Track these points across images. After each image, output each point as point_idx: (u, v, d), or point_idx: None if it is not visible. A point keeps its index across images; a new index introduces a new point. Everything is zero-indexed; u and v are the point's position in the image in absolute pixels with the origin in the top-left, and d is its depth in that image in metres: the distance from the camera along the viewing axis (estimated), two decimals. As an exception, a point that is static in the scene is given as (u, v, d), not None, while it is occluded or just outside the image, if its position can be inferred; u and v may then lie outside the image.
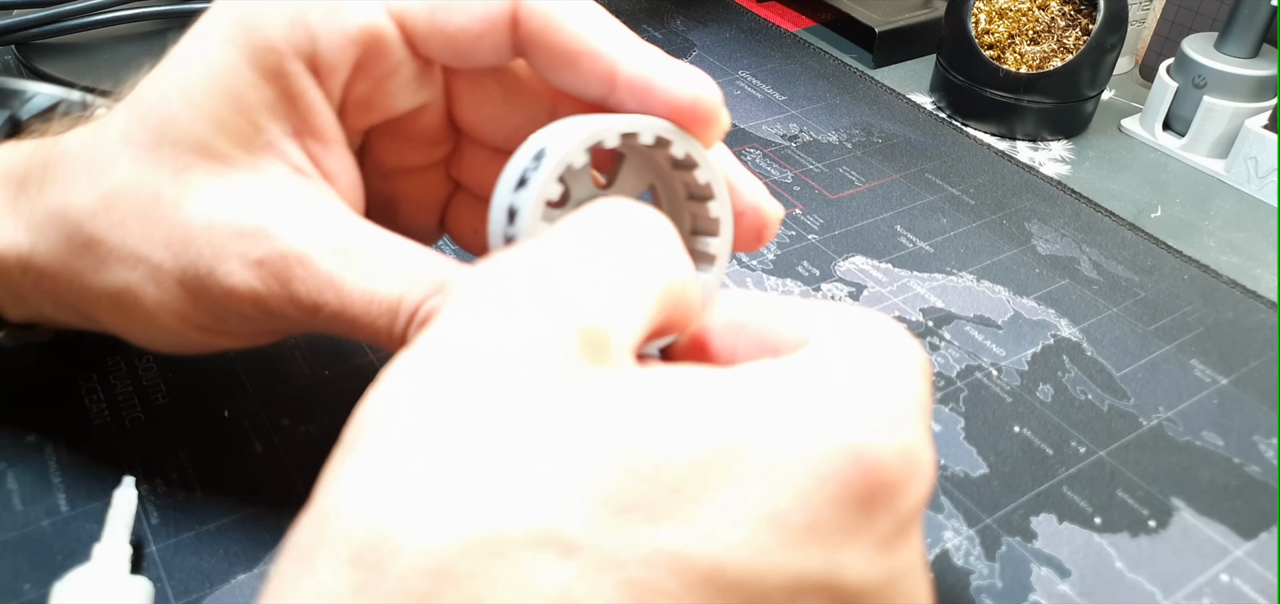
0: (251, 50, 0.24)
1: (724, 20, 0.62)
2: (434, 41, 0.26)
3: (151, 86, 0.25)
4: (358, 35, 0.25)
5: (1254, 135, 0.47)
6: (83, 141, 0.26)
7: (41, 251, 0.25)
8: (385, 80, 0.26)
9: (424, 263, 0.25)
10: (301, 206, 0.25)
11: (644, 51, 0.25)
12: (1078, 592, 0.28)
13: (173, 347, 0.27)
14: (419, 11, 0.26)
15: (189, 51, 0.25)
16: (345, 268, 0.24)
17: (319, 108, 0.25)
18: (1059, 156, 0.50)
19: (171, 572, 0.26)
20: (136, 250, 0.24)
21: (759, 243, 0.27)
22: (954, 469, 0.31)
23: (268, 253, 0.24)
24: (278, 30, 0.25)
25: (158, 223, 0.24)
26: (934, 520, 0.29)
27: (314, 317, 0.24)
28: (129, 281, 0.25)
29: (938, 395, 0.34)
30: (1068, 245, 0.43)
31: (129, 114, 0.25)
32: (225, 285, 0.24)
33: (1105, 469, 0.32)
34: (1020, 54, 0.51)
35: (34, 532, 0.27)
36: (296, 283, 0.24)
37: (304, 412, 0.31)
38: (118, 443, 0.30)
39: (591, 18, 0.25)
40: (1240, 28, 0.49)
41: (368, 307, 0.24)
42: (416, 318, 0.24)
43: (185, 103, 0.24)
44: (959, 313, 0.38)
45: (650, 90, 0.24)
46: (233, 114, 0.24)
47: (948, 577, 0.28)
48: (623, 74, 0.24)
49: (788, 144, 0.49)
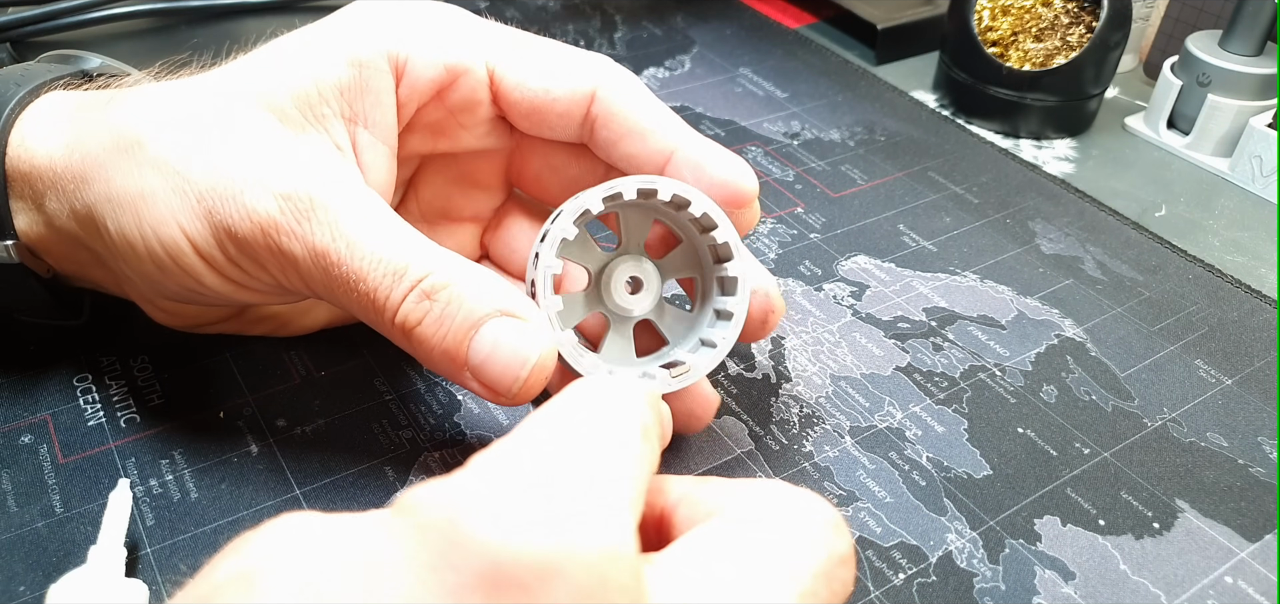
0: (350, 41, 0.28)
1: (725, 17, 0.62)
2: (515, 100, 0.29)
3: (253, 58, 0.28)
4: (447, 65, 0.29)
5: (1258, 133, 0.47)
6: (168, 82, 0.29)
7: (83, 151, 0.27)
8: (459, 114, 0.30)
9: (432, 247, 0.27)
10: (334, 167, 0.27)
11: (699, 139, 0.29)
12: (1081, 594, 0.27)
13: (162, 275, 0.27)
14: (510, 71, 0.29)
15: (302, 32, 0.29)
16: (362, 223, 0.26)
17: (384, 107, 0.28)
18: (1063, 155, 0.50)
19: (167, 574, 0.26)
20: (173, 160, 0.26)
21: (764, 329, 0.30)
22: (957, 471, 0.31)
23: (294, 189, 0.26)
24: (380, 33, 0.28)
25: (202, 144, 0.26)
26: (937, 522, 0.29)
27: (319, 262, 0.26)
28: (155, 188, 0.26)
29: (942, 395, 0.34)
30: (1072, 244, 0.42)
31: (217, 73, 0.28)
32: (247, 208, 0.26)
33: (1109, 470, 0.31)
34: (1024, 51, 0.50)
35: (29, 533, 0.27)
36: (315, 224, 0.26)
37: (299, 413, 0.31)
38: (113, 444, 0.29)
39: (656, 105, 0.29)
40: (1244, 26, 0.48)
41: (375, 265, 0.26)
42: (417, 289, 0.26)
43: (274, 65, 0.27)
44: (962, 313, 0.38)
45: (701, 170, 0.28)
46: (308, 82, 0.27)
47: (951, 579, 0.27)
48: (680, 153, 0.28)
49: (789, 142, 0.49)
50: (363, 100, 0.28)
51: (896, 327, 0.37)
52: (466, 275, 0.26)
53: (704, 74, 0.55)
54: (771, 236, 0.42)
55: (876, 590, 0.27)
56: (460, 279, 0.26)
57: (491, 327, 0.25)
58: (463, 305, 0.25)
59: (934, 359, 0.35)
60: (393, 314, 0.26)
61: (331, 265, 0.26)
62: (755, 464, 0.31)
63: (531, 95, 0.29)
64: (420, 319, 0.25)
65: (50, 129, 0.28)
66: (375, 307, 0.26)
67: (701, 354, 0.28)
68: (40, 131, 0.28)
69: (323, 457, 0.30)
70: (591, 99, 0.29)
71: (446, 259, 0.26)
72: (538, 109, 0.29)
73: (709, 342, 0.29)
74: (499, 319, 0.25)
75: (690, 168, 0.28)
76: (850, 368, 0.35)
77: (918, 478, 0.31)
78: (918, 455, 0.31)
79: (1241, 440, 0.33)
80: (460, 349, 0.25)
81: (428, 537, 0.17)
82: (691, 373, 0.28)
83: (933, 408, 0.33)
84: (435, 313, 0.25)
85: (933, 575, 0.28)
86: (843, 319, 0.37)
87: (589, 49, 0.56)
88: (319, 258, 0.26)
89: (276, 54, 0.28)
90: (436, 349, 0.26)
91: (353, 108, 0.28)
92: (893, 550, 0.28)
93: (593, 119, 0.29)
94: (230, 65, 0.28)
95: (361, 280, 0.26)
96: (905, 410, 0.33)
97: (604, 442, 0.19)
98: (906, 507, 0.30)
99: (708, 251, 0.29)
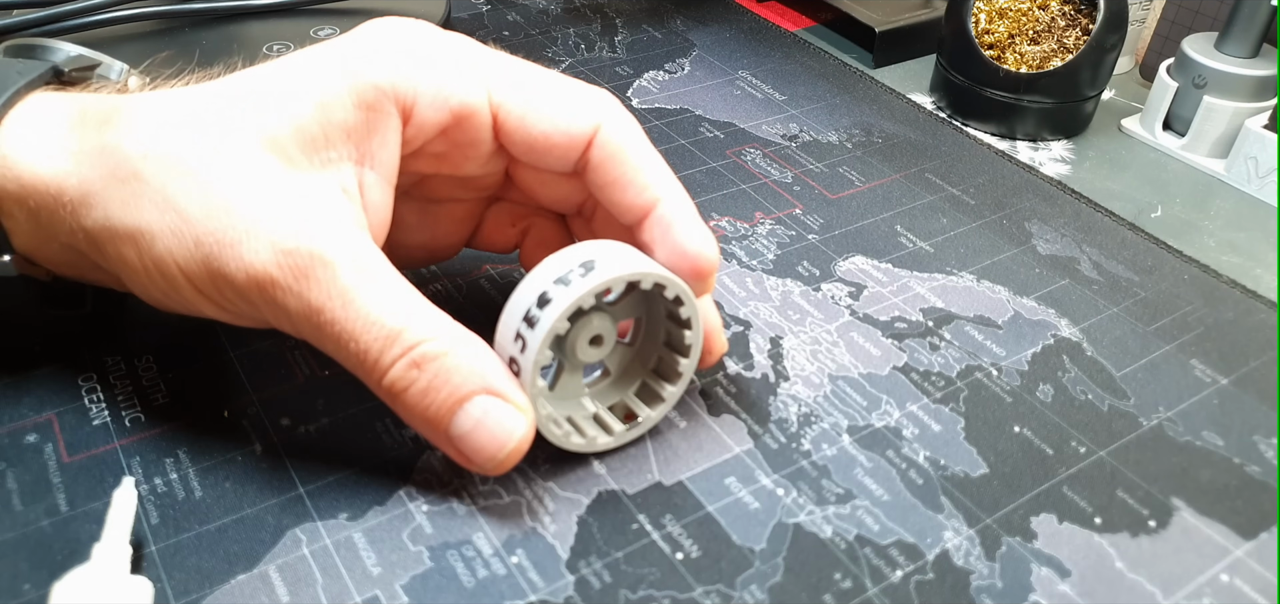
0: (358, 79, 0.27)
1: (724, 20, 0.62)
2: (516, 138, 0.29)
3: (255, 82, 0.28)
4: (454, 107, 0.28)
5: (1254, 135, 0.47)
6: (159, 99, 0.28)
7: (81, 175, 0.27)
8: (463, 148, 0.30)
9: (428, 310, 0.27)
10: (339, 221, 0.26)
11: (679, 199, 0.29)
12: (1078, 592, 0.28)
13: (158, 299, 0.28)
14: (512, 109, 0.29)
15: (305, 59, 0.28)
16: (361, 285, 0.26)
17: (390, 148, 0.28)
18: (1059, 156, 0.50)
19: (171, 572, 0.26)
20: (172, 198, 0.26)
21: (704, 365, 0.32)
22: (954, 469, 0.31)
23: (297, 246, 0.25)
24: (386, 71, 0.27)
25: (202, 185, 0.26)
26: (934, 520, 0.29)
27: (313, 318, 0.26)
28: (153, 225, 0.26)
29: (939, 394, 0.34)
30: (1068, 245, 0.43)
31: (221, 91, 0.27)
32: (244, 261, 0.25)
33: (1105, 469, 0.32)
34: (1020, 54, 0.50)
35: (33, 532, 0.27)
36: (313, 282, 0.25)
37: (304, 412, 0.31)
38: (118, 443, 0.30)
39: (649, 156, 0.30)
40: (1240, 27, 0.49)
41: (368, 327, 0.26)
42: (407, 357, 0.26)
43: (277, 96, 0.27)
44: (959, 313, 0.38)
45: (670, 232, 0.29)
46: (314, 122, 0.27)
47: (948, 577, 0.28)
48: (656, 211, 0.29)
49: (788, 144, 0.49)
50: (370, 142, 0.28)
51: (894, 326, 0.37)
52: (457, 348, 0.26)
53: (703, 76, 0.55)
54: (770, 237, 0.42)
55: (874, 587, 0.27)
56: (451, 351, 0.26)
57: (476, 403, 0.26)
58: (450, 379, 0.26)
59: (931, 359, 0.36)
60: (382, 377, 0.26)
61: (325, 323, 0.26)
62: (754, 462, 0.31)
63: (533, 136, 0.29)
64: (407, 387, 0.26)
65: (39, 145, 0.27)
66: (365, 366, 0.26)
67: (654, 406, 0.31)
68: (28, 148, 0.27)
69: (326, 456, 0.30)
70: (590, 141, 0.29)
71: (440, 328, 0.26)
72: (538, 149, 0.29)
73: (658, 391, 0.31)
74: (484, 396, 0.26)
75: (660, 226, 0.29)
76: (848, 367, 0.35)
77: (915, 476, 0.31)
78: (915, 454, 0.32)
79: (1237, 439, 0.33)
80: (443, 422, 0.26)
81: None
82: (643, 424, 0.31)
83: (930, 407, 0.33)
84: (422, 383, 0.26)
85: (930, 573, 0.28)
86: (841, 319, 0.37)
87: (589, 52, 0.57)
88: (313, 314, 0.26)
89: (279, 84, 0.27)
90: (419, 417, 0.26)
91: (360, 150, 0.28)
92: (890, 548, 0.28)
93: (588, 160, 0.29)
94: (228, 85, 0.28)
95: (354, 340, 0.26)
96: (902, 409, 0.33)
97: None
98: (904, 505, 0.30)
99: (662, 305, 0.30)
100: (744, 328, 0.37)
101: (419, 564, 0.27)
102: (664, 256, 0.29)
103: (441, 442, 0.27)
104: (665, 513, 0.29)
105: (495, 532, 0.28)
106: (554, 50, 0.57)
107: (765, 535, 0.28)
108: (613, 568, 0.27)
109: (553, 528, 0.28)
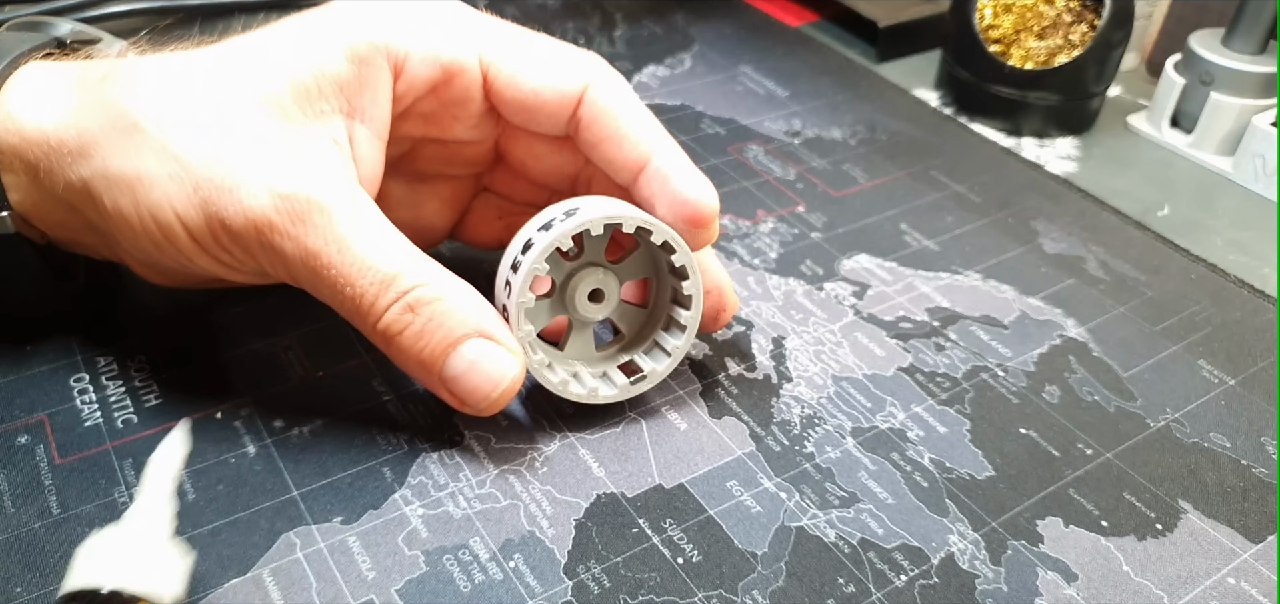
0: (350, 35, 0.28)
1: (726, 15, 0.62)
2: (507, 98, 0.30)
3: (252, 42, 0.28)
4: (444, 62, 0.29)
5: (1261, 132, 0.47)
6: (159, 58, 0.29)
7: (80, 127, 0.27)
8: (452, 107, 0.30)
9: (422, 257, 0.27)
10: (334, 169, 0.27)
11: (673, 151, 0.30)
12: (1084, 596, 0.27)
13: (150, 255, 0.28)
14: (503, 67, 0.30)
15: (300, 18, 0.29)
16: (355, 228, 0.27)
17: (381, 102, 0.29)
18: (1065, 153, 0.50)
19: (163, 576, 0.26)
20: (172, 147, 0.26)
21: (717, 324, 0.32)
22: (959, 471, 0.31)
23: (295, 191, 0.26)
24: (379, 27, 0.28)
25: (201, 133, 0.26)
26: (939, 523, 0.29)
27: (309, 262, 0.26)
28: (153, 172, 0.27)
29: (944, 396, 0.33)
30: (1074, 244, 0.42)
31: (219, 51, 0.28)
32: (243, 205, 0.26)
33: (1112, 471, 0.31)
34: (1026, 50, 0.50)
35: (26, 534, 0.27)
36: (310, 227, 0.26)
37: (297, 413, 0.31)
38: (110, 445, 0.29)
39: (640, 111, 0.30)
40: (1247, 24, 0.48)
41: (364, 272, 0.26)
42: (402, 301, 0.27)
43: (273, 52, 0.28)
44: (964, 312, 0.38)
45: (667, 184, 0.29)
46: (308, 75, 0.27)
47: (953, 580, 0.27)
48: (651, 163, 0.29)
49: (791, 140, 0.49)
50: (361, 96, 0.28)
51: (898, 326, 0.37)
52: (451, 292, 0.27)
53: (704, 72, 0.55)
54: (773, 236, 0.41)
55: (878, 592, 0.27)
56: (445, 296, 0.27)
57: (470, 346, 0.27)
58: (444, 323, 0.27)
59: (936, 359, 0.35)
60: (376, 320, 0.27)
61: (322, 267, 0.26)
62: (756, 465, 0.30)
63: (524, 94, 0.30)
64: (402, 330, 0.27)
65: (40, 101, 0.28)
66: (360, 311, 0.27)
67: (658, 360, 0.31)
68: (28, 104, 0.28)
69: (320, 457, 0.30)
70: (580, 99, 0.30)
71: (434, 273, 0.27)
72: (528, 107, 0.30)
73: (663, 346, 0.31)
74: (477, 339, 0.27)
75: (658, 179, 0.29)
76: (852, 368, 0.35)
77: (920, 479, 0.30)
78: (920, 456, 0.31)
79: (1244, 441, 0.33)
80: (437, 363, 0.27)
81: None
82: (648, 379, 0.31)
83: (935, 408, 0.33)
84: (417, 326, 0.27)
85: (935, 577, 0.27)
86: (844, 319, 0.37)
87: (589, 47, 0.56)
88: (310, 258, 0.26)
89: (275, 43, 0.28)
90: (413, 360, 0.27)
91: (351, 103, 0.28)
92: (895, 552, 0.28)
93: (579, 119, 0.30)
94: (225, 48, 0.28)
95: (350, 285, 0.26)
96: (907, 411, 0.33)
97: None
98: (908, 508, 0.29)
99: (664, 260, 0.31)
100: (746, 328, 0.36)
101: (415, 568, 0.27)
102: (663, 209, 0.29)
103: (434, 384, 0.28)
104: (666, 516, 0.29)
105: (492, 535, 0.28)
106: (554, 46, 0.56)
107: (767, 539, 0.28)
108: (612, 572, 0.27)
109: (551, 531, 0.28)
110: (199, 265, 0.28)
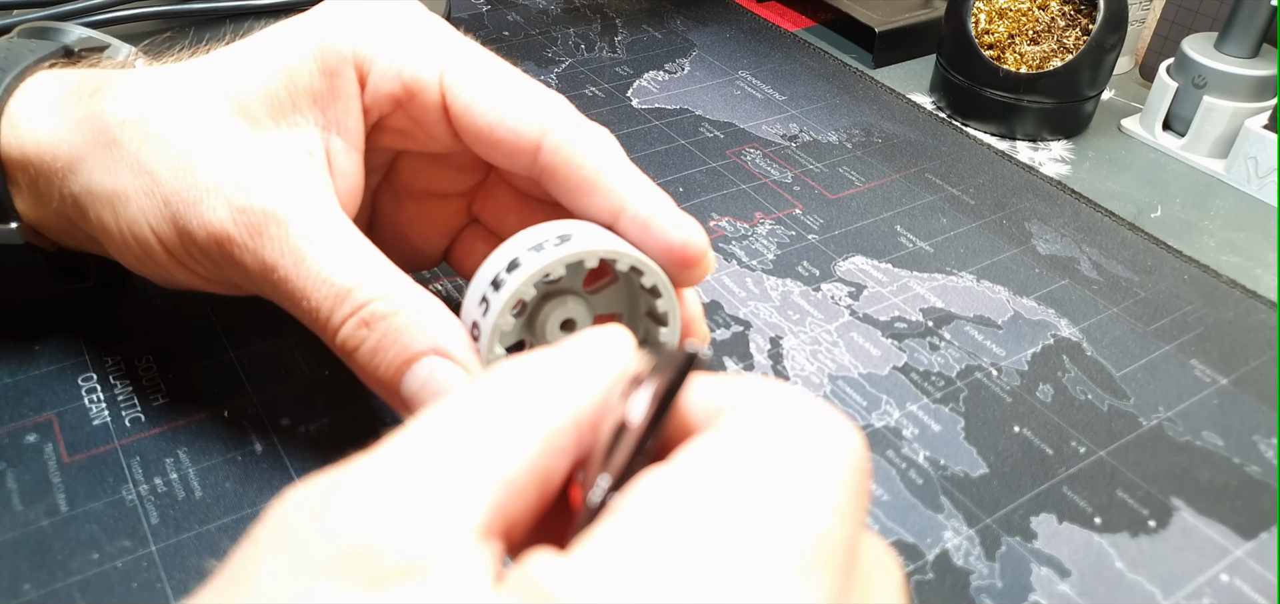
0: (321, 44, 0.28)
1: (724, 20, 0.62)
2: (463, 123, 0.29)
3: (229, 52, 0.28)
4: (406, 79, 0.28)
5: (1254, 135, 0.47)
6: (143, 71, 0.29)
7: (70, 142, 0.27)
8: (419, 122, 0.29)
9: (383, 269, 0.26)
10: (297, 181, 0.27)
11: (650, 194, 0.28)
12: (1078, 592, 0.28)
13: (137, 267, 0.28)
14: (460, 93, 0.28)
15: (278, 27, 0.28)
16: (313, 243, 0.26)
17: (352, 112, 0.28)
18: (1059, 156, 0.50)
19: (171, 572, 0.26)
20: (145, 162, 0.27)
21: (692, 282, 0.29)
22: (954, 469, 0.31)
23: (251, 204, 0.26)
24: (348, 37, 0.28)
25: (170, 148, 0.27)
26: (934, 520, 0.29)
27: (268, 275, 0.26)
28: (129, 188, 0.27)
29: (939, 394, 0.34)
30: (1068, 245, 0.43)
31: (197, 67, 0.28)
32: (204, 219, 0.26)
33: (1105, 469, 0.32)
34: (1020, 54, 0.51)
35: (34, 532, 0.27)
36: (266, 239, 0.26)
37: (303, 411, 0.31)
38: (118, 443, 0.30)
39: (608, 157, 0.28)
40: (1240, 27, 0.49)
41: (319, 285, 0.26)
42: (357, 316, 0.26)
43: (248, 62, 0.28)
44: (959, 313, 0.38)
45: (649, 229, 0.27)
46: (280, 86, 0.27)
47: (947, 577, 0.28)
48: (628, 211, 0.27)
49: (788, 144, 0.49)
50: (334, 107, 0.28)
51: (894, 326, 0.37)
52: (409, 307, 0.26)
53: (703, 76, 0.55)
54: (770, 237, 0.42)
55: (874, 587, 0.27)
56: (402, 310, 0.26)
57: (424, 364, 0.25)
58: (398, 338, 0.25)
59: (931, 359, 0.36)
60: (334, 334, 0.26)
61: (279, 280, 0.26)
62: (754, 463, 0.31)
63: (478, 125, 0.28)
64: (357, 346, 0.26)
65: (41, 115, 0.28)
66: (318, 324, 0.26)
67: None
68: (31, 116, 0.28)
69: (326, 455, 0.30)
70: (539, 147, 0.28)
71: (394, 286, 0.26)
72: (484, 139, 0.28)
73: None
74: (432, 357, 0.25)
75: (636, 226, 0.27)
76: (848, 367, 0.35)
77: (915, 476, 0.31)
78: (915, 454, 0.32)
79: (1237, 439, 0.33)
80: (393, 381, 0.26)
81: None
82: None
83: (930, 407, 0.33)
84: (371, 342, 0.26)
85: (930, 573, 0.28)
86: (840, 319, 0.37)
87: (589, 52, 0.57)
88: (268, 271, 0.26)
89: (252, 51, 0.28)
90: (371, 378, 0.26)
91: (325, 115, 0.28)
92: (890, 548, 0.28)
93: (542, 168, 0.28)
94: (207, 59, 0.28)
95: (305, 298, 0.26)
96: (902, 409, 0.33)
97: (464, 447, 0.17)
98: (904, 505, 0.30)
99: (644, 301, 0.29)
100: (744, 328, 0.37)
101: (419, 564, 0.27)
102: (651, 254, 0.28)
103: (396, 402, 0.26)
104: (665, 513, 0.29)
105: (495, 532, 0.28)
106: (554, 50, 0.57)
107: (765, 535, 0.28)
108: (613, 568, 0.27)
109: (553, 528, 0.28)
110: (179, 279, 0.28)
